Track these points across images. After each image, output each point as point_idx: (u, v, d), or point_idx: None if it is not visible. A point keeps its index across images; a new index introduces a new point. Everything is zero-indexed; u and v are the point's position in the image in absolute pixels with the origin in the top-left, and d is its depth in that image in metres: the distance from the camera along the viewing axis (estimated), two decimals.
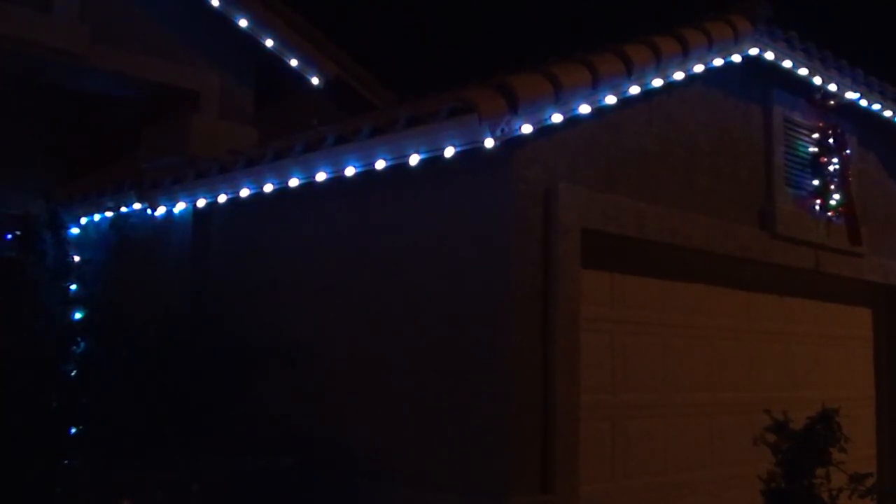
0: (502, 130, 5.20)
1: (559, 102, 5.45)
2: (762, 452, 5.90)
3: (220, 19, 8.52)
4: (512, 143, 5.35)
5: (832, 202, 7.95)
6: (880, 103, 8.34)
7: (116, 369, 6.12)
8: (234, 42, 8.65)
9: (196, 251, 7.51)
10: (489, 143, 5.21)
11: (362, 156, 5.90)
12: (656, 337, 6.66)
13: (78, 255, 7.51)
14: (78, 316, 6.78)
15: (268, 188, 6.70)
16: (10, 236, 7.07)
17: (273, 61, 8.87)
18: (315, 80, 9.14)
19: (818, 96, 7.88)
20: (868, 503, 5.88)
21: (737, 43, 6.85)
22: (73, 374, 6.23)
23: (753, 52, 7.10)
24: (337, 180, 6.20)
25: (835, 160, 8.01)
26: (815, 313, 8.32)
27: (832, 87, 7.85)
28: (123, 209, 7.91)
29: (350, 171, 6.03)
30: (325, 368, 6.28)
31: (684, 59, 6.35)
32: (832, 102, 7.96)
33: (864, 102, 8.19)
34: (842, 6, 17.12)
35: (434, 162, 5.57)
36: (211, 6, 8.43)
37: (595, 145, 5.99)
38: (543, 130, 5.52)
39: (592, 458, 5.90)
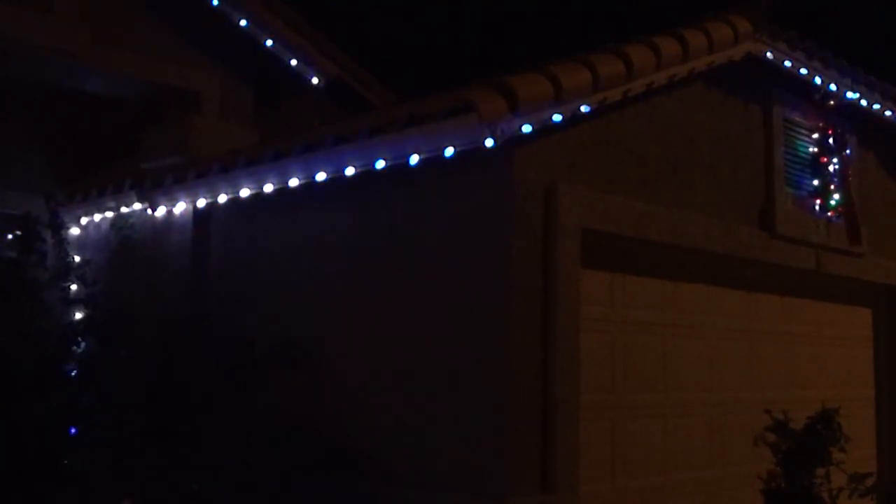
0: (502, 130, 5.20)
1: (559, 102, 5.45)
2: (762, 452, 5.90)
3: (220, 19, 8.53)
4: (512, 143, 5.35)
5: (832, 202, 7.95)
6: (880, 103, 8.34)
7: (117, 369, 6.12)
8: (234, 42, 8.66)
9: (196, 251, 7.50)
10: (489, 143, 5.21)
11: (362, 156, 5.90)
12: (657, 337, 6.66)
13: (78, 255, 7.51)
14: (78, 316, 6.78)
15: (268, 188, 6.70)
16: (10, 236, 7.07)
17: (273, 61, 8.88)
18: (315, 81, 9.14)
19: (818, 96, 7.88)
20: (868, 503, 5.88)
21: (737, 43, 6.85)
22: (73, 374, 6.23)
23: (753, 52, 7.10)
24: (337, 180, 6.20)
25: (835, 160, 8.02)
26: (816, 313, 8.32)
27: (832, 87, 7.85)
28: (123, 209, 7.91)
29: (350, 171, 6.03)
30: (326, 368, 6.27)
31: (684, 59, 6.34)
32: (832, 102, 7.95)
33: (864, 102, 8.19)
34: (842, 6, 17.12)
35: (434, 162, 5.57)
36: (211, 6, 8.43)
37: (595, 145, 5.99)
38: (543, 130, 5.52)
39: (592, 458, 5.90)
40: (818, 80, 7.73)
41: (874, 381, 8.97)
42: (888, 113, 8.48)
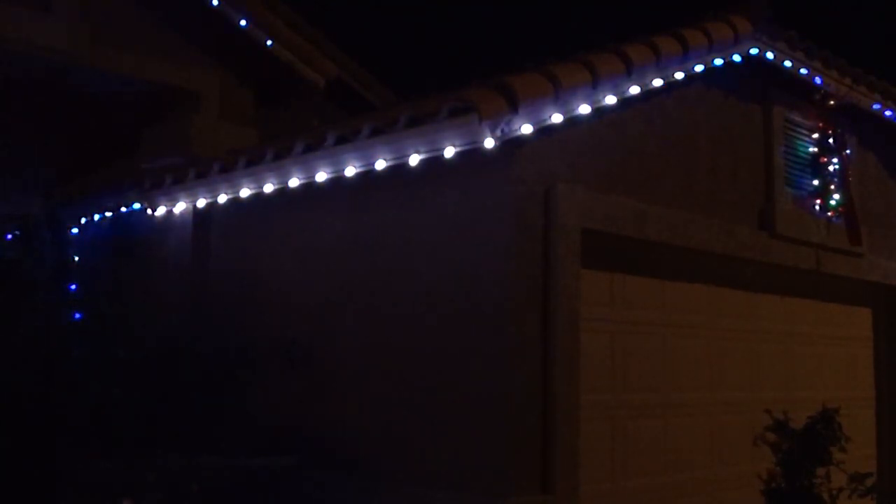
0: (502, 130, 5.21)
1: (559, 102, 5.45)
2: (762, 452, 5.91)
3: (220, 19, 8.52)
4: (512, 143, 5.35)
5: (832, 202, 7.95)
6: (880, 103, 8.34)
7: (116, 369, 6.13)
8: (234, 42, 8.65)
9: (196, 251, 7.51)
10: (489, 143, 5.21)
11: (362, 156, 5.90)
12: (656, 337, 6.66)
13: (78, 255, 7.51)
14: (78, 316, 6.78)
15: (268, 188, 6.71)
16: (10, 236, 7.07)
17: (273, 61, 8.87)
18: (315, 80, 9.13)
19: (818, 96, 7.88)
20: (868, 503, 5.89)
21: (737, 43, 6.85)
22: (73, 374, 6.23)
23: (753, 51, 7.11)
24: (337, 180, 6.20)
25: (835, 160, 8.01)
26: (816, 313, 8.32)
27: (832, 87, 7.85)
28: (123, 209, 7.91)
29: (350, 171, 6.03)
30: (326, 368, 6.28)
31: (684, 59, 6.35)
32: (832, 102, 7.95)
33: (864, 102, 8.19)
34: (842, 6, 17.13)
35: (434, 162, 5.57)
36: (211, 6, 8.42)
37: (595, 145, 5.99)
38: (543, 130, 5.52)
39: (592, 458, 5.90)
40: (818, 80, 7.73)
41: (874, 381, 8.97)
42: (888, 113, 8.48)
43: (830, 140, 8.01)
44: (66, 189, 8.47)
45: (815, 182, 7.93)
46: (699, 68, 6.62)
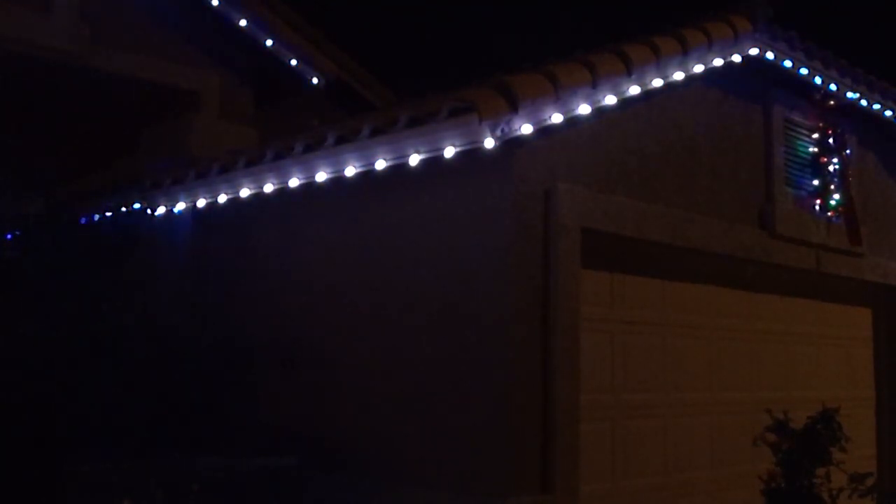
0: (502, 130, 5.20)
1: (559, 102, 5.45)
2: (762, 452, 5.91)
3: (220, 19, 8.52)
4: (512, 143, 5.35)
5: (832, 202, 7.95)
6: (880, 103, 8.34)
7: (116, 369, 6.13)
8: (234, 42, 8.66)
9: (196, 251, 7.51)
10: (489, 143, 5.21)
11: (362, 156, 5.90)
12: (656, 337, 6.66)
13: (78, 255, 7.52)
14: (76, 317, 6.78)
15: (268, 188, 6.70)
16: (10, 236, 7.07)
17: (273, 61, 8.88)
18: (315, 81, 9.14)
19: (818, 96, 7.88)
20: (868, 503, 5.89)
21: (737, 43, 6.85)
22: (72, 374, 6.24)
23: (753, 52, 7.10)
24: (337, 180, 6.20)
25: (835, 160, 8.01)
26: (815, 313, 8.32)
27: (832, 87, 7.85)
28: (123, 209, 7.91)
29: (350, 171, 6.03)
30: (325, 369, 6.28)
31: (684, 59, 6.35)
32: (832, 102, 7.95)
33: (864, 102, 8.19)
34: (842, 6, 17.12)
35: (434, 162, 5.57)
36: (211, 6, 8.43)
37: (595, 145, 5.99)
38: (543, 130, 5.52)
39: (592, 458, 5.90)
40: (818, 80, 7.73)
41: (874, 381, 8.97)
42: (888, 113, 8.48)
43: (830, 140, 8.02)
44: (66, 189, 8.47)
45: (815, 182, 7.94)
46: (699, 68, 6.62)
